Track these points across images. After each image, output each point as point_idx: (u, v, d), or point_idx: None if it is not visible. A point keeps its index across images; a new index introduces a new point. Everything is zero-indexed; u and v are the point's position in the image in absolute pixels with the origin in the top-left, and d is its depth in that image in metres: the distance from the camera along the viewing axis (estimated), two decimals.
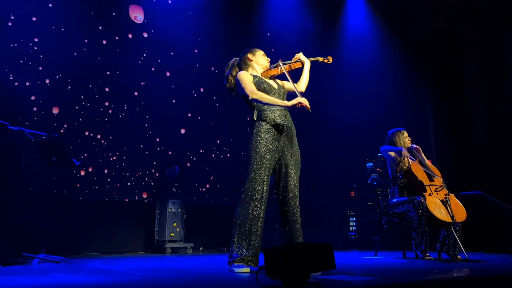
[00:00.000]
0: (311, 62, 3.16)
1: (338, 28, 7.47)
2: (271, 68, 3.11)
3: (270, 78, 3.13)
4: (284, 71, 3.02)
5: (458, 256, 3.62)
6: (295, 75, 3.11)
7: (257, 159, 2.78)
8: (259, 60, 3.11)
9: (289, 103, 2.77)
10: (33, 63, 5.05)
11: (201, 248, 5.85)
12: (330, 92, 7.09)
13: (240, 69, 3.10)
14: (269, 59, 3.16)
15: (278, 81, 3.14)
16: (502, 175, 5.24)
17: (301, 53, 3.18)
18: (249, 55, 3.12)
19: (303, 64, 3.14)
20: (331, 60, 3.17)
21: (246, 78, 2.94)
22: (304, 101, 2.73)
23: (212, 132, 6.34)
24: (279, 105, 2.82)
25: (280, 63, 3.07)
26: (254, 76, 3.01)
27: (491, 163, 5.40)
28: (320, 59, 3.18)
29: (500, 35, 5.62)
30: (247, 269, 2.59)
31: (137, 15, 5.75)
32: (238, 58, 3.17)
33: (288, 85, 3.12)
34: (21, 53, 4.98)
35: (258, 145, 2.81)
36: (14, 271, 2.75)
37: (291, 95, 3.07)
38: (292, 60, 3.16)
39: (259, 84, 2.94)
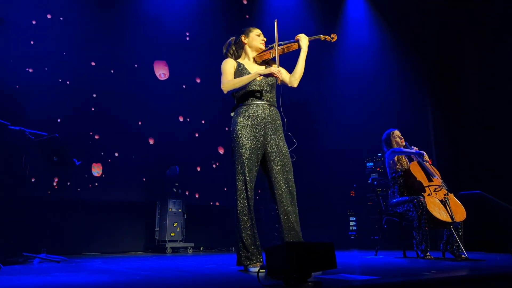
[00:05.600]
0: (312, 41, 2.77)
1: (338, 28, 7.46)
2: (265, 51, 2.80)
3: (263, 62, 2.85)
4: (276, 54, 2.68)
5: (463, 256, 3.58)
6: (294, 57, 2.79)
7: (236, 159, 2.66)
8: (252, 42, 2.83)
9: (262, 72, 2.62)
10: (34, 63, 5.04)
11: (201, 248, 5.86)
12: (330, 92, 7.09)
13: (237, 51, 2.89)
14: (265, 39, 2.85)
15: (274, 66, 2.74)
16: (502, 175, 5.24)
17: (302, 34, 2.79)
18: (243, 38, 2.84)
19: (299, 46, 2.73)
20: (335, 38, 2.76)
21: (225, 69, 2.73)
22: (276, 72, 2.57)
23: (213, 132, 6.34)
24: (250, 81, 2.64)
25: (274, 45, 2.71)
26: (239, 64, 2.78)
27: (491, 163, 5.40)
28: (322, 37, 2.79)
29: (501, 35, 5.62)
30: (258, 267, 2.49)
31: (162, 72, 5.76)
32: (234, 38, 2.91)
33: (284, 72, 2.80)
34: (22, 53, 4.98)
35: (235, 144, 2.67)
36: (15, 271, 2.75)
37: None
38: (288, 41, 2.78)
39: (240, 74, 2.73)
